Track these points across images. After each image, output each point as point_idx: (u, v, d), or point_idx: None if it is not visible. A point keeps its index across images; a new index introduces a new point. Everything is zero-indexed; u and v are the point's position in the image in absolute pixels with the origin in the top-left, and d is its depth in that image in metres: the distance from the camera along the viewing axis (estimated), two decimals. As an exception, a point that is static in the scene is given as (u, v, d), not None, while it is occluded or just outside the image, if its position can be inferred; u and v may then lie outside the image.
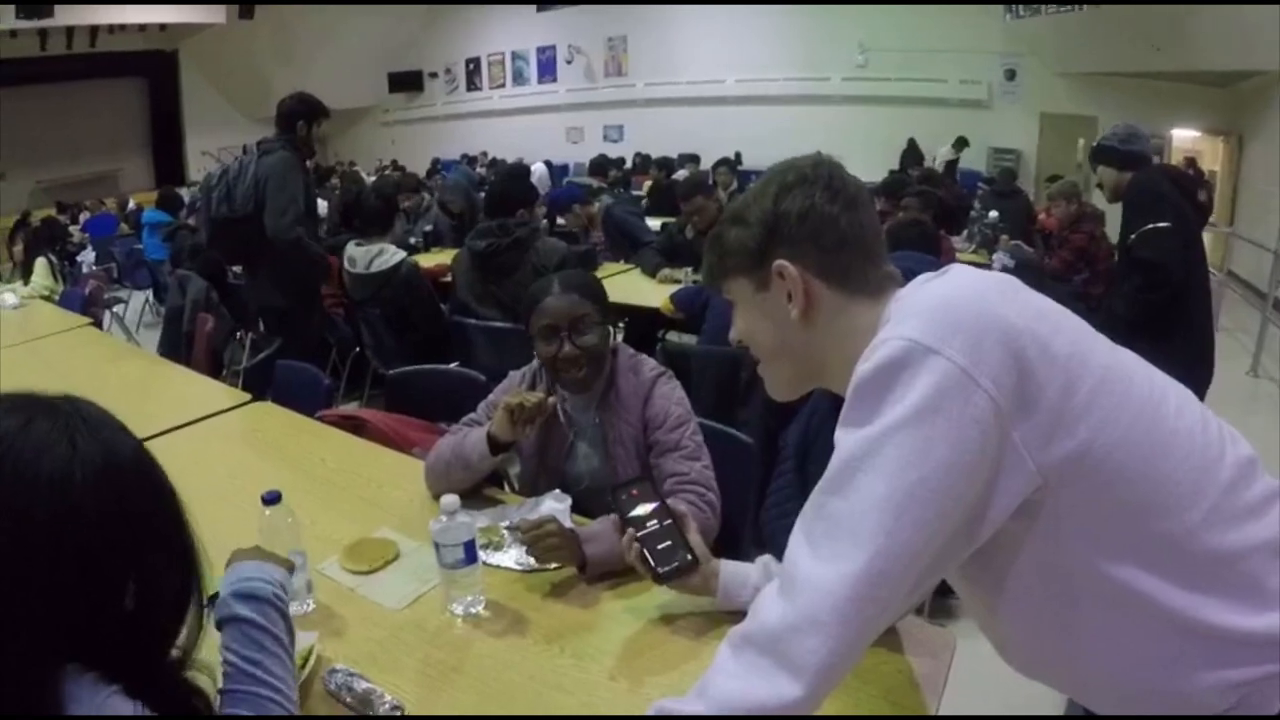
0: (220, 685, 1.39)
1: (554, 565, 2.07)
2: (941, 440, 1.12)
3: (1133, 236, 3.98)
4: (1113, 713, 1.35)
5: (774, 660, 1.17)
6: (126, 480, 1.18)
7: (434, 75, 23.59)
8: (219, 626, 1.48)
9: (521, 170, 10.65)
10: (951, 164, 14.55)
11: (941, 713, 1.61)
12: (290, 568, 1.69)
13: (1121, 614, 1.21)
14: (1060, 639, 1.29)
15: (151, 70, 22.28)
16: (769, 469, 3.26)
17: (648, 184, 12.64)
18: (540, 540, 2.00)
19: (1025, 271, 6.22)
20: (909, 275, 1.39)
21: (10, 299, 6.54)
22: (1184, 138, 13.25)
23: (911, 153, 15.07)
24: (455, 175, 13.37)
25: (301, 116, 5.12)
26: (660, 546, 1.75)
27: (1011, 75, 15.16)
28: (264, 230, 4.97)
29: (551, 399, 2.39)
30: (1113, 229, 4.70)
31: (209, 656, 1.36)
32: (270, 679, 1.40)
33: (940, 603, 3.46)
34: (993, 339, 1.15)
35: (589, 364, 2.45)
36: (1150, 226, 3.90)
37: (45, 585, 1.09)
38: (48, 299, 7.16)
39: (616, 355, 2.56)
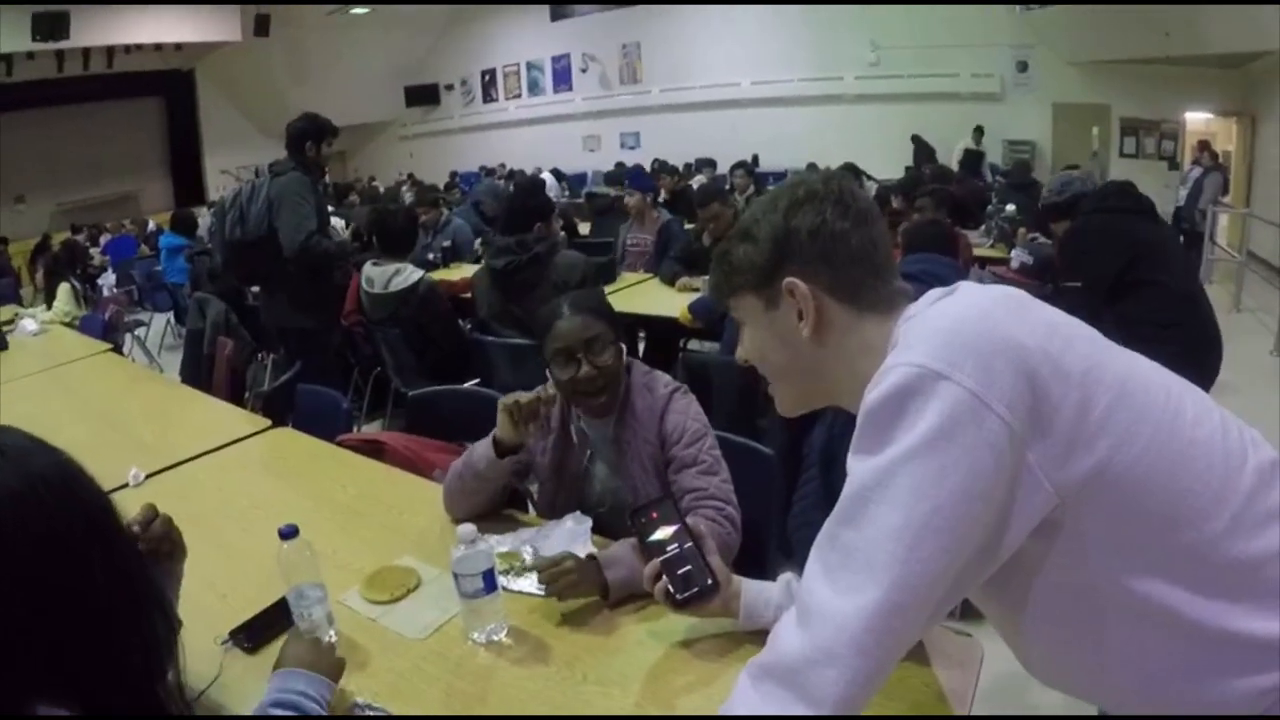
0: None
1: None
2: (955, 468, 1.11)
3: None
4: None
5: (793, 693, 1.16)
6: (49, 502, 1.15)
7: (450, 88, 23.62)
8: None
9: (537, 184, 10.64)
10: (976, 156, 14.48)
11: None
12: (341, 669, 1.69)
13: (1147, 627, 1.20)
14: (1086, 654, 1.27)
15: (168, 90, 22.29)
16: (794, 475, 3.25)
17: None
18: (558, 579, 1.98)
19: (1045, 268, 6.20)
20: (926, 278, 1.37)
21: (31, 325, 6.54)
22: (1197, 120, 13.25)
23: (921, 149, 15.01)
24: (487, 182, 13.56)
25: (309, 137, 5.16)
26: (680, 572, 1.72)
27: (1023, 67, 15.11)
28: (278, 252, 5.00)
29: (551, 391, 2.38)
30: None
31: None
32: None
33: (964, 606, 3.44)
34: (1004, 361, 1.13)
35: (607, 385, 2.44)
36: (1066, 285, 4.10)
37: None
38: (69, 324, 7.18)
39: (630, 373, 2.54)
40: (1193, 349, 3.77)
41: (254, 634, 1.99)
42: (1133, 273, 4.02)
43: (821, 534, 1.22)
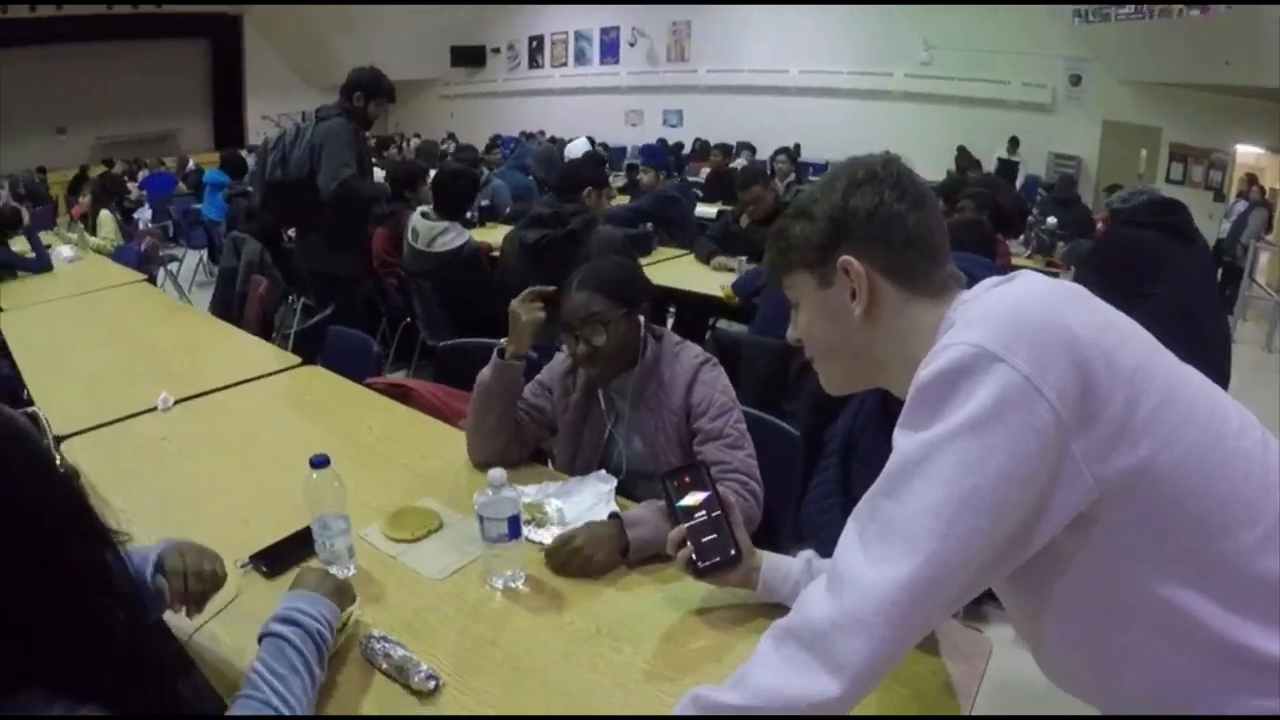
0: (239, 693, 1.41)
1: None
2: (1000, 449, 1.11)
3: None
4: None
5: (815, 657, 1.17)
6: None
7: (496, 51, 23.54)
8: (259, 641, 1.51)
9: (597, 156, 10.71)
10: (1010, 166, 14.35)
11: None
12: (352, 599, 1.72)
13: (1166, 633, 1.19)
14: (1101, 654, 1.27)
15: (215, 32, 22.39)
16: (812, 463, 3.25)
17: (705, 170, 12.54)
18: (571, 561, 2.00)
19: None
20: (967, 277, 1.37)
21: (67, 252, 6.64)
22: (1248, 153, 13.03)
23: (963, 158, 14.89)
24: (544, 147, 13.62)
25: (362, 88, 5.18)
26: (704, 540, 1.72)
27: (1076, 80, 14.90)
28: (316, 195, 5.03)
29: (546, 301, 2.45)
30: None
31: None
32: (288, 696, 1.41)
33: (974, 609, 3.43)
34: (1059, 349, 1.13)
35: (601, 361, 2.44)
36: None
37: None
38: (101, 252, 7.25)
39: (661, 342, 2.54)
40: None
41: (274, 559, 2.01)
42: (1138, 285, 4.07)
43: (861, 504, 1.23)
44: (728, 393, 2.47)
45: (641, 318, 2.50)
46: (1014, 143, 14.91)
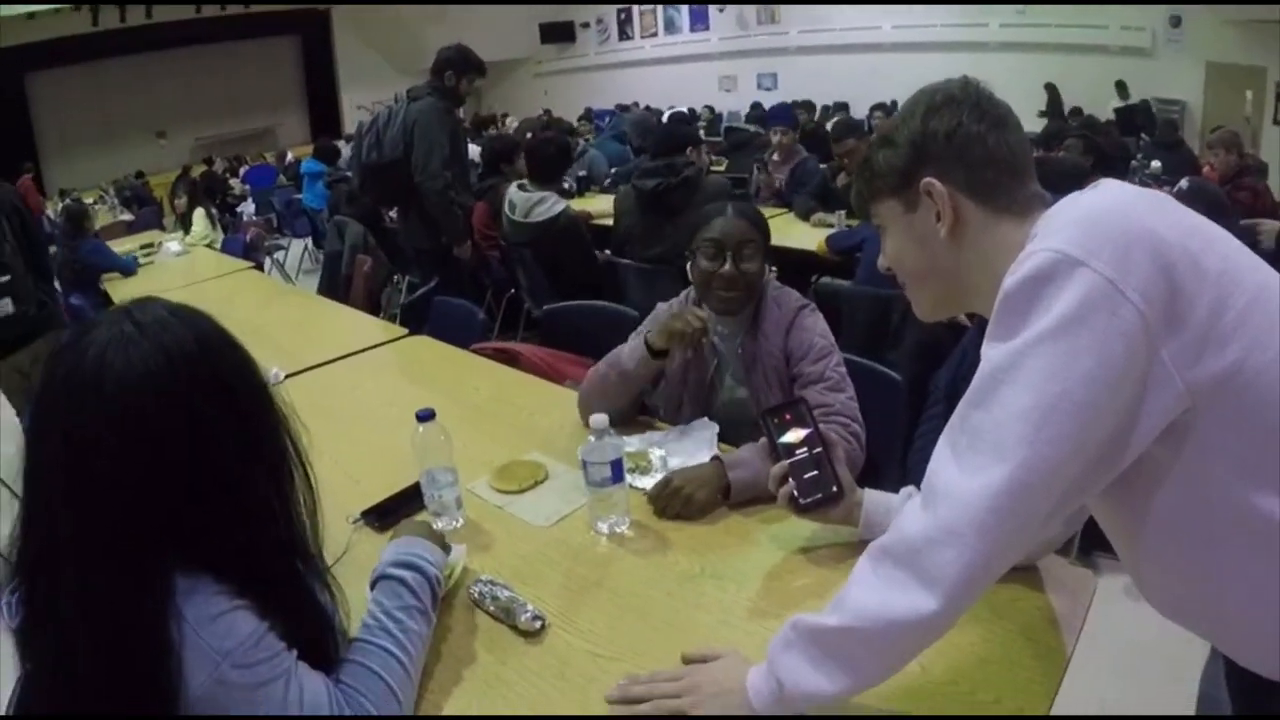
0: (355, 635, 1.46)
1: None
2: (1086, 353, 1.10)
3: None
4: (1254, 662, 1.29)
5: (911, 572, 1.18)
6: (182, 377, 1.18)
7: (585, 25, 23.46)
8: (373, 585, 1.56)
9: (687, 115, 10.73)
10: (1129, 111, 13.87)
11: (1076, 656, 1.56)
12: (447, 551, 1.75)
13: (1263, 549, 1.17)
14: (1203, 578, 1.25)
15: (304, 28, 22.78)
16: (916, 412, 3.24)
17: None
18: (672, 502, 2.03)
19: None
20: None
21: (175, 247, 6.92)
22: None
23: (1054, 100, 14.46)
24: (637, 114, 13.71)
25: (453, 66, 5.28)
26: (806, 476, 1.74)
27: (1176, 22, 14.28)
28: (412, 175, 5.10)
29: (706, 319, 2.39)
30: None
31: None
32: (404, 640, 1.45)
33: (1084, 557, 3.39)
34: (1142, 251, 1.12)
35: (743, 288, 2.47)
36: None
37: (126, 485, 1.13)
38: (209, 246, 7.47)
39: (764, 288, 2.56)
40: None
41: (384, 514, 2.08)
42: None
43: (952, 418, 1.23)
44: (827, 336, 2.48)
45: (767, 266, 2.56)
46: (1121, 87, 14.40)
